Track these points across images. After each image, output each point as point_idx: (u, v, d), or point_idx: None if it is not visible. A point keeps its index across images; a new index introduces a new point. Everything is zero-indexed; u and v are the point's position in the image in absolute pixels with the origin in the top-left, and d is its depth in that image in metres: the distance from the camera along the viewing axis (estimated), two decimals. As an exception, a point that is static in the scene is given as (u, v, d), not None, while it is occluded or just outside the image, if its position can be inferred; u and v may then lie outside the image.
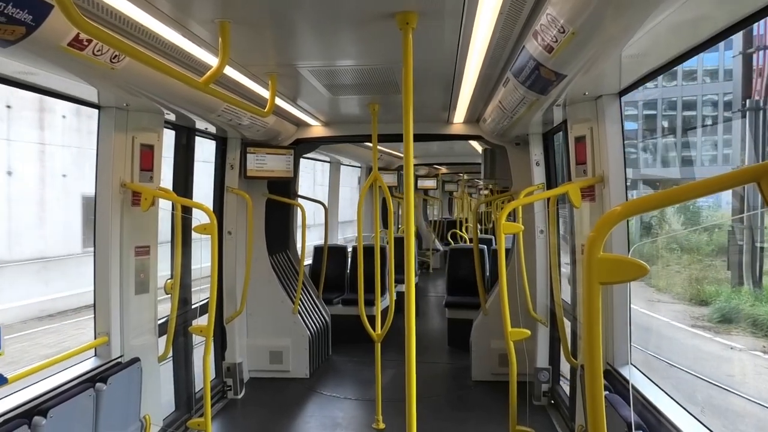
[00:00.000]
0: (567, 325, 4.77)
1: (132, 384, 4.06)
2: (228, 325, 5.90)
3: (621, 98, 3.86)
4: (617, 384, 3.62)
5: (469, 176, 17.75)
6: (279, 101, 4.98)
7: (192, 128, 5.17)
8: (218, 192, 5.89)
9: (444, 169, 16.14)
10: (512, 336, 3.92)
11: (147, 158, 4.19)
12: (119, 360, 4.07)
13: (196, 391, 5.25)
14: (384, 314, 5.48)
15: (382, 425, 4.91)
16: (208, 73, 3.05)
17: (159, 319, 4.51)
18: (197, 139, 5.39)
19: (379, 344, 4.96)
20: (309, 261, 8.19)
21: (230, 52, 2.98)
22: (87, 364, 3.91)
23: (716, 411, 7.66)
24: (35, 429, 3.08)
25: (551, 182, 5.54)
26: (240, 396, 5.89)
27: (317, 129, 6.33)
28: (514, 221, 5.33)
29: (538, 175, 5.48)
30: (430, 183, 15.70)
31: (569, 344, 4.66)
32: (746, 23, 2.45)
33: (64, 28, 2.38)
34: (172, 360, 5.03)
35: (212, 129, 5.36)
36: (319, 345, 6.86)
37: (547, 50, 2.58)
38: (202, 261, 4.64)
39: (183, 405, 5.13)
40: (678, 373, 8.98)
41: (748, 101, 13.55)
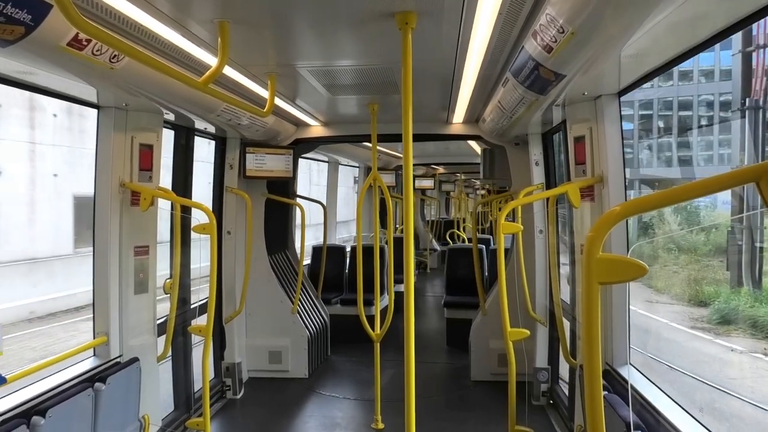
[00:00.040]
0: (566, 325, 4.77)
1: (131, 384, 4.06)
2: (227, 325, 5.90)
3: (620, 98, 3.87)
4: (616, 384, 3.62)
5: (466, 176, 17.75)
6: (278, 101, 4.98)
7: (191, 128, 5.17)
8: (217, 192, 5.89)
9: (441, 169, 16.13)
10: (511, 336, 3.93)
11: (146, 158, 4.19)
12: (118, 360, 4.07)
13: (195, 391, 5.24)
14: (383, 314, 5.48)
15: (381, 425, 4.91)
16: (208, 73, 3.05)
17: (158, 319, 4.51)
18: (196, 139, 5.39)
19: (378, 344, 4.96)
20: (307, 261, 8.18)
21: (229, 52, 2.98)
22: (86, 364, 3.91)
23: (720, 416, 7.55)
24: (34, 429, 3.08)
25: (550, 182, 5.54)
26: (239, 396, 5.89)
27: (316, 129, 6.33)
28: (514, 221, 5.33)
29: (538, 175, 5.48)
30: (428, 183, 15.68)
31: (568, 344, 4.66)
32: (745, 23, 2.45)
33: (63, 28, 2.38)
34: (171, 360, 5.03)
35: (211, 129, 5.35)
36: (318, 345, 6.86)
37: (547, 50, 2.58)
38: (201, 261, 4.64)
39: (182, 405, 5.13)
40: (680, 377, 8.83)
41: (748, 100, 13.49)
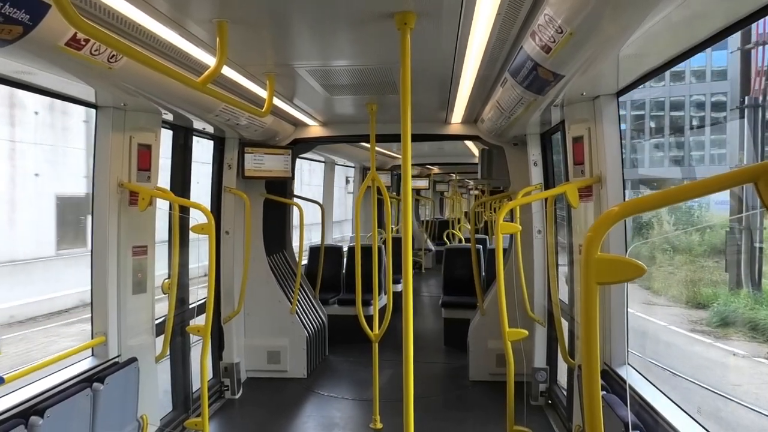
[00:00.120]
0: (564, 325, 4.77)
1: (129, 384, 4.05)
2: (225, 325, 5.89)
3: (618, 99, 3.87)
4: (614, 384, 3.62)
5: (460, 176, 17.73)
6: (277, 101, 4.98)
7: (190, 128, 5.16)
8: (216, 192, 5.89)
9: (436, 169, 16.12)
10: (510, 336, 3.93)
11: (144, 158, 4.18)
12: (116, 360, 4.07)
13: (194, 391, 5.24)
14: (381, 314, 5.48)
15: (380, 425, 4.91)
16: (206, 73, 3.04)
17: (156, 319, 4.51)
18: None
19: (377, 344, 4.96)
20: (305, 261, 8.17)
21: (228, 52, 2.98)
22: (84, 364, 3.91)
23: (727, 426, 7.43)
24: (32, 429, 3.08)
25: (549, 182, 5.55)
26: (237, 396, 5.89)
27: (315, 129, 6.32)
28: (512, 221, 5.34)
29: (536, 175, 5.48)
30: (423, 183, 15.65)
31: (566, 344, 4.66)
32: (745, 23, 2.44)
33: (62, 28, 2.38)
34: (170, 360, 5.03)
35: (210, 129, 5.35)
36: (317, 345, 6.86)
37: (545, 50, 2.58)
38: (200, 261, 4.64)
39: (180, 405, 5.12)
40: (681, 383, 8.62)
41: (747, 98, 13.37)
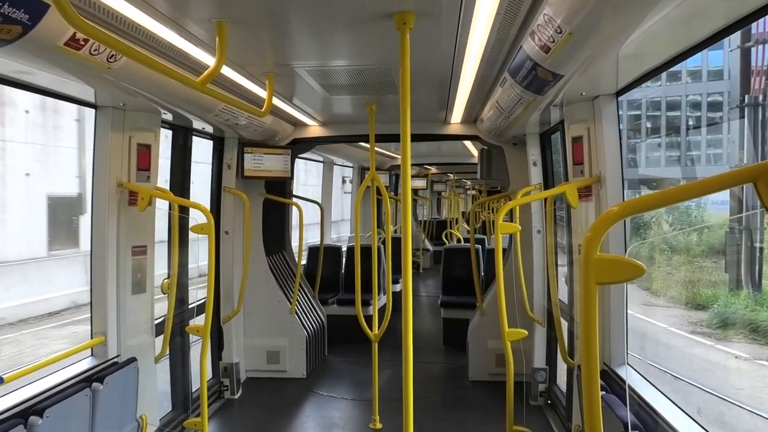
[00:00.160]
0: (564, 325, 4.77)
1: (128, 384, 4.05)
2: (225, 325, 5.89)
3: (618, 98, 3.87)
4: (614, 384, 3.62)
5: (458, 176, 17.71)
6: (276, 101, 4.98)
7: (189, 128, 5.16)
8: (215, 192, 5.89)
9: (434, 169, 16.11)
10: (509, 336, 3.93)
11: (144, 158, 4.18)
12: (116, 360, 4.07)
13: (193, 391, 5.24)
14: (380, 314, 5.47)
15: (379, 425, 4.91)
16: (205, 73, 3.04)
17: (156, 319, 4.51)
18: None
19: (376, 344, 4.96)
20: (303, 261, 8.17)
21: (227, 52, 2.98)
22: (83, 364, 3.91)
23: (729, 429, 7.26)
24: (31, 429, 3.08)
25: (548, 182, 5.55)
26: (237, 396, 5.89)
27: (314, 129, 6.32)
28: (511, 221, 5.34)
29: (536, 175, 5.48)
30: (420, 183, 15.63)
31: (566, 344, 4.66)
32: (744, 22, 2.44)
33: (61, 28, 2.38)
34: (169, 360, 5.03)
35: (209, 129, 5.35)
36: (316, 345, 6.85)
37: (544, 50, 2.58)
38: (199, 260, 4.63)
39: (180, 405, 5.12)
40: (683, 386, 8.42)
41: (747, 97, 13.24)
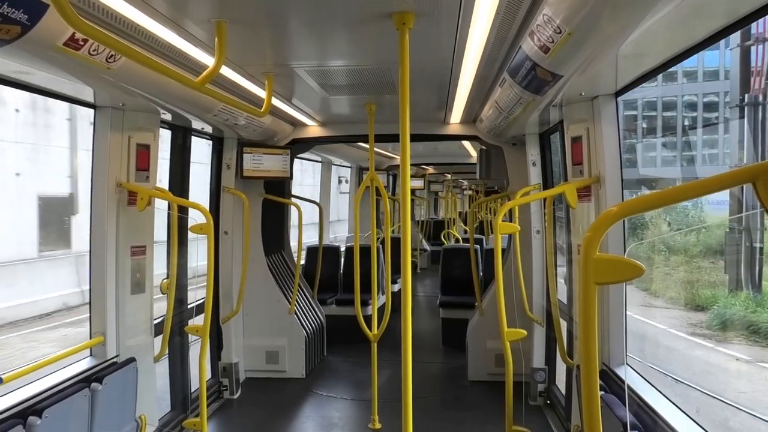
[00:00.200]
0: (563, 325, 4.77)
1: (127, 384, 4.05)
2: (224, 325, 5.89)
3: (617, 99, 3.87)
4: (613, 384, 3.62)
5: (454, 176, 17.67)
6: (275, 101, 4.98)
7: (188, 128, 5.16)
8: (214, 192, 5.89)
9: (431, 170, 16.11)
10: (508, 336, 3.93)
11: (143, 158, 4.18)
12: (115, 360, 4.06)
13: (192, 391, 5.24)
14: (379, 314, 5.47)
15: (378, 425, 4.91)
16: (205, 73, 3.04)
17: (155, 319, 4.50)
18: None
19: (375, 344, 4.96)
20: (302, 261, 8.16)
21: (226, 52, 2.98)
22: (82, 364, 3.91)
23: None
24: (30, 429, 3.07)
25: (548, 182, 5.55)
26: (236, 396, 5.88)
27: (314, 129, 6.32)
28: (510, 221, 5.34)
29: (535, 176, 5.48)
30: (418, 183, 15.60)
31: (565, 344, 4.66)
32: (744, 22, 2.44)
33: (60, 28, 2.37)
34: (168, 360, 5.02)
35: (209, 129, 5.35)
36: (315, 345, 6.85)
37: (543, 50, 2.58)
38: (198, 260, 4.63)
39: (179, 405, 5.12)
40: (685, 390, 8.18)
41: (747, 96, 13.13)
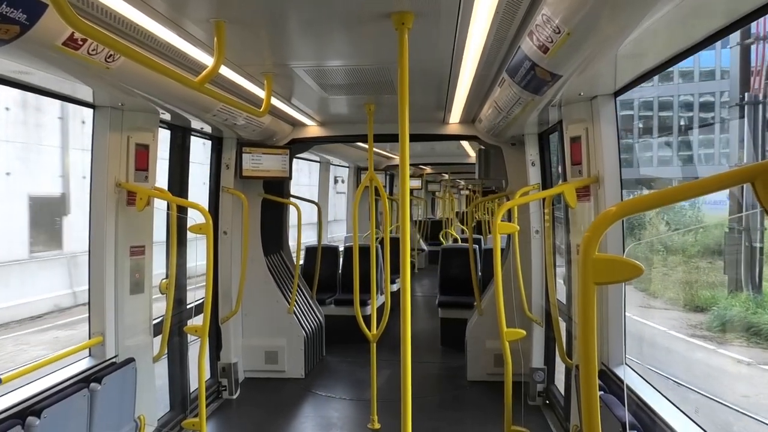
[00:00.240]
0: (562, 325, 4.77)
1: (126, 384, 4.05)
2: (223, 325, 5.89)
3: (616, 99, 3.87)
4: (612, 384, 3.62)
5: (452, 176, 17.68)
6: (275, 101, 4.97)
7: (187, 128, 5.16)
8: (214, 192, 5.88)
9: (428, 169, 16.09)
10: (507, 336, 3.93)
11: (142, 158, 4.18)
12: (114, 360, 4.06)
13: (191, 392, 5.23)
14: (378, 314, 5.48)
15: (378, 425, 4.91)
16: (204, 73, 3.04)
17: (154, 319, 4.50)
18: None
19: (374, 344, 4.96)
20: (301, 261, 8.15)
21: (225, 52, 2.98)
22: (81, 364, 3.90)
23: None
24: (29, 429, 3.07)
25: (547, 182, 5.55)
26: (235, 396, 5.88)
27: (313, 129, 6.32)
28: (510, 221, 5.34)
29: (534, 176, 5.48)
30: (415, 183, 15.59)
31: (564, 344, 4.67)
32: (743, 22, 2.44)
33: (59, 28, 2.37)
34: (167, 360, 5.02)
35: (208, 129, 5.34)
36: (314, 345, 6.85)
37: (543, 50, 2.59)
38: (197, 260, 4.62)
39: (178, 405, 5.11)
40: (687, 393, 7.98)
41: (747, 95, 13.07)
